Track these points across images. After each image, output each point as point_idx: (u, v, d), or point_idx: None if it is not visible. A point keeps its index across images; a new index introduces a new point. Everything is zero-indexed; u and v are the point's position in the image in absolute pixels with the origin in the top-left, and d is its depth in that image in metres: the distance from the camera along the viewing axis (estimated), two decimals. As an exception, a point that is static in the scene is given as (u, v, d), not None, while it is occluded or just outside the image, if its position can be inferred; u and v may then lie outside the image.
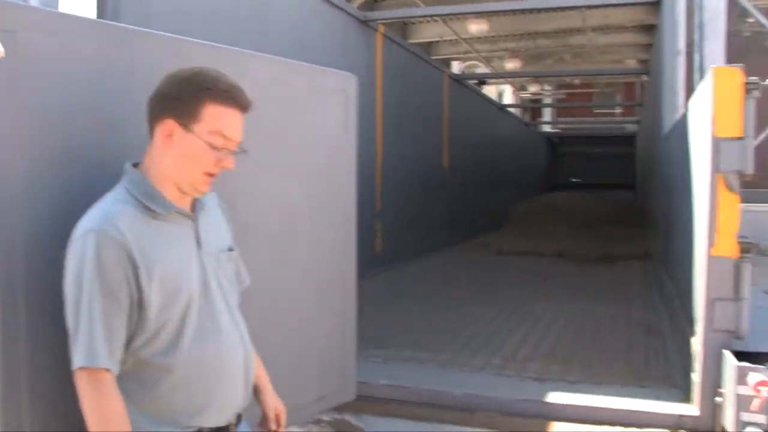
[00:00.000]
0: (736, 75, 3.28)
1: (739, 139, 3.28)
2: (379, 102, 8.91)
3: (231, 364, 1.94)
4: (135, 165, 1.90)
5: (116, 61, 2.26)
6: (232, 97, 1.86)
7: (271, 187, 2.99)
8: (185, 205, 1.92)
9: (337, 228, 3.41)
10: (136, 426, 1.76)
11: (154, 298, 1.77)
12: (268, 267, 2.86)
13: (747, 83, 3.26)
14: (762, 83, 3.26)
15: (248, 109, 1.92)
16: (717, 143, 3.31)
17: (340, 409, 3.68)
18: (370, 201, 8.57)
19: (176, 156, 1.84)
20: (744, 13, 22.25)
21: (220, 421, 1.92)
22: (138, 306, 1.76)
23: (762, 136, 19.39)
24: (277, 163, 3.02)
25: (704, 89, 3.62)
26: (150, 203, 1.83)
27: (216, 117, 1.84)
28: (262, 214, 2.92)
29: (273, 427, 2.22)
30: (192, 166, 1.84)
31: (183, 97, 1.83)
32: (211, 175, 1.88)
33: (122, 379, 1.77)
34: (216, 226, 2.04)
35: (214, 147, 1.84)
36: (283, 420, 2.25)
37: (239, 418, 2.03)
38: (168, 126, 1.83)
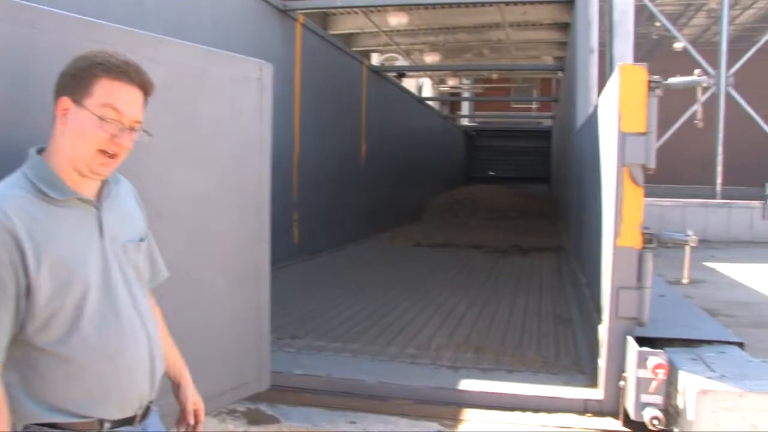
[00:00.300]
0: (641, 73, 3.41)
1: (643, 134, 3.41)
2: (297, 92, 8.87)
3: (133, 355, 1.89)
4: (42, 150, 1.85)
5: (17, 42, 2.18)
6: (126, 72, 1.81)
7: (184, 174, 2.95)
8: (90, 192, 1.86)
9: (251, 217, 3.39)
10: (30, 415, 1.73)
11: (42, 285, 1.72)
12: (180, 256, 2.83)
13: (650, 81, 3.39)
14: (664, 82, 3.40)
15: (147, 89, 1.87)
16: (623, 138, 3.44)
17: (254, 398, 3.66)
18: (287, 192, 8.53)
19: (70, 134, 1.79)
20: (652, 17, 23.10)
21: (122, 413, 1.88)
22: (26, 292, 1.71)
23: (667, 135, 20.18)
24: (190, 150, 2.98)
25: (612, 86, 3.74)
26: (46, 188, 1.77)
27: (107, 90, 1.78)
28: (175, 202, 2.88)
29: (191, 421, 2.19)
30: (85, 143, 1.78)
31: (77, 73, 1.79)
32: (106, 153, 1.80)
33: (15, 367, 1.73)
34: (125, 215, 1.99)
35: (104, 119, 1.77)
36: (202, 415, 2.23)
37: (147, 410, 2.00)
38: (63, 104, 1.79)
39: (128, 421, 1.90)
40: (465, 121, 30.05)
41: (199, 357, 3.10)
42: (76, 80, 1.79)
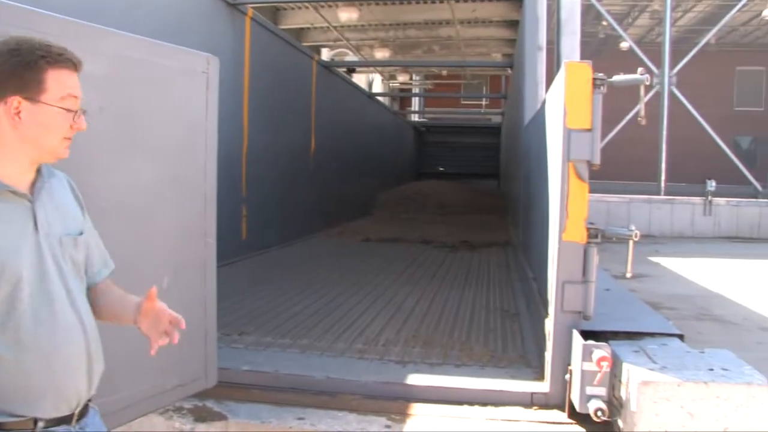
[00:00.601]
0: (586, 70, 3.46)
1: (588, 130, 3.46)
2: (246, 87, 8.78)
3: (69, 352, 1.85)
4: None
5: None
6: (68, 58, 1.85)
7: (128, 168, 2.90)
8: (23, 185, 1.83)
9: (197, 212, 3.35)
10: None
11: None
12: (124, 250, 2.77)
13: (595, 79, 3.44)
14: (608, 80, 3.45)
15: (81, 69, 1.91)
16: (568, 134, 3.48)
17: (201, 395, 3.62)
18: (235, 187, 8.45)
19: (30, 130, 1.79)
20: (600, 17, 23.50)
21: (58, 412, 1.84)
22: None
23: (613, 132, 20.55)
24: (134, 143, 2.94)
25: (558, 83, 3.79)
26: None
27: (61, 81, 1.82)
28: (119, 196, 2.84)
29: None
30: (51, 136, 1.82)
31: (18, 71, 1.78)
32: (68, 138, 1.88)
33: None
34: (61, 209, 1.95)
35: (69, 110, 1.84)
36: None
37: (86, 408, 1.96)
38: (12, 104, 1.77)
39: (65, 420, 1.86)
40: (415, 117, 30.17)
41: (143, 354, 3.05)
42: (23, 78, 1.78)
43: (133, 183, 2.95)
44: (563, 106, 3.49)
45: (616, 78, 3.51)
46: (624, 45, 24.58)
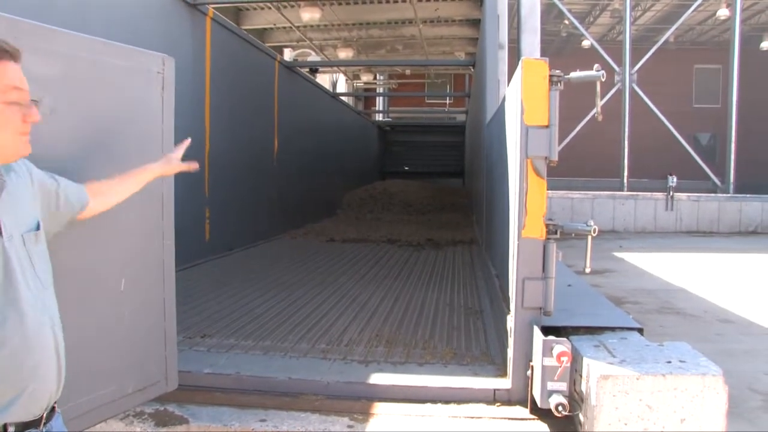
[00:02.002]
0: (543, 67, 3.48)
1: (546, 127, 3.48)
2: (207, 88, 8.71)
3: (39, 354, 1.83)
4: None
5: None
6: (7, 50, 1.81)
7: (82, 169, 2.84)
8: None
9: (155, 213, 3.30)
10: None
11: None
12: (81, 252, 2.73)
13: (552, 75, 3.47)
14: (565, 76, 3.48)
15: (20, 57, 1.86)
16: (526, 130, 3.50)
17: (162, 399, 3.57)
18: (198, 188, 8.38)
19: None
20: (562, 15, 23.73)
21: (29, 415, 1.81)
22: None
23: (576, 130, 20.76)
24: (87, 144, 2.88)
25: (515, 80, 3.81)
26: None
27: (3, 74, 1.78)
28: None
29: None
30: (5, 135, 1.79)
31: None
32: (25, 133, 1.84)
33: None
34: (20, 206, 1.92)
35: (14, 103, 1.79)
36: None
37: (53, 410, 1.92)
38: None
39: (34, 424, 1.83)
40: (380, 117, 30.18)
41: (102, 357, 3.02)
42: None
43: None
44: (520, 103, 3.51)
45: (573, 74, 3.54)
46: (586, 43, 24.89)
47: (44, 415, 1.86)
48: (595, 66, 3.52)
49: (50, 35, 2.71)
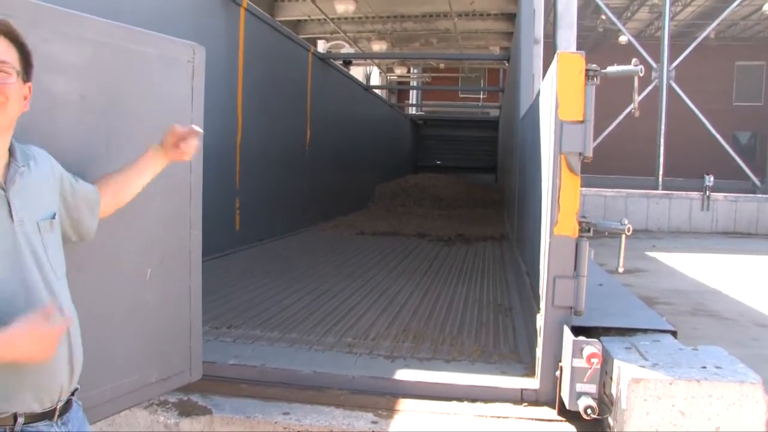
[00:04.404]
0: (579, 61, 3.39)
1: (581, 122, 3.40)
2: (240, 78, 8.71)
3: None
4: None
5: None
6: None
7: (111, 156, 2.83)
8: None
9: (183, 202, 3.28)
10: None
11: None
12: (107, 241, 2.71)
13: (588, 70, 3.38)
14: (601, 71, 3.39)
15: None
16: (560, 126, 3.42)
17: (186, 389, 3.57)
18: (229, 179, 8.39)
19: None
20: (598, 11, 23.44)
21: (40, 406, 1.79)
22: None
23: (611, 127, 20.50)
24: (116, 133, 2.87)
25: (550, 74, 3.72)
26: None
27: None
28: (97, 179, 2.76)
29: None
30: None
31: None
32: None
33: None
34: (36, 194, 1.90)
35: None
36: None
37: (68, 404, 1.90)
38: None
39: (47, 416, 1.81)
40: (413, 111, 30.12)
41: (126, 346, 3.01)
42: None
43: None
44: (555, 98, 3.43)
45: (610, 69, 3.45)
46: (623, 39, 24.55)
47: (58, 407, 1.84)
48: (633, 61, 3.43)
49: (79, 21, 2.69)
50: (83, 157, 2.58)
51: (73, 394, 1.94)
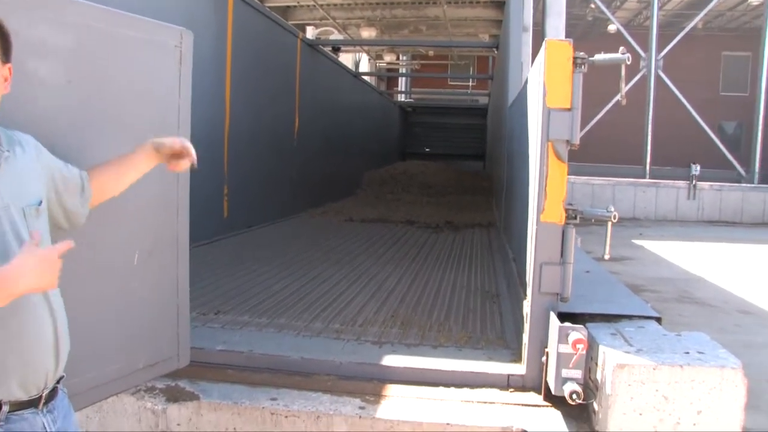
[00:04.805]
0: (566, 49, 3.40)
1: (568, 110, 3.41)
2: (228, 64, 8.67)
3: (34, 331, 1.80)
4: None
5: None
6: None
7: (96, 142, 2.81)
8: None
9: (170, 188, 3.26)
10: None
11: None
12: (93, 227, 2.71)
13: (576, 57, 3.39)
14: (589, 58, 3.40)
15: None
16: (547, 113, 3.43)
17: (174, 375, 3.58)
18: (217, 165, 8.37)
19: None
20: (588, -1, 23.44)
21: (26, 393, 1.79)
22: None
23: (599, 115, 20.55)
24: (101, 117, 2.85)
25: (538, 62, 3.73)
26: None
27: None
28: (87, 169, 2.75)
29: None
30: None
31: None
32: None
33: None
34: (21, 179, 1.89)
35: None
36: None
37: (54, 391, 1.90)
38: None
39: (32, 404, 1.80)
40: (402, 98, 30.06)
41: (113, 333, 3.01)
42: None
43: (102, 159, 2.87)
44: (543, 85, 3.44)
45: (597, 57, 3.46)
46: (611, 28, 24.58)
47: (44, 394, 1.84)
48: (621, 49, 3.44)
49: (63, 5, 2.67)
50: (69, 141, 2.57)
51: (58, 381, 1.93)
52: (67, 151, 2.43)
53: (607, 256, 3.71)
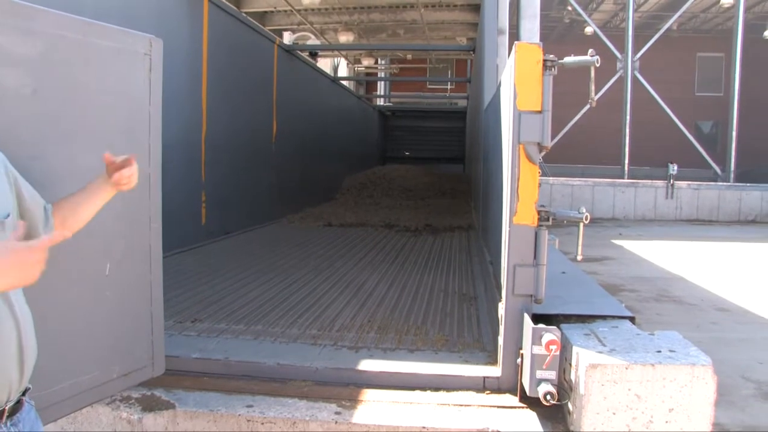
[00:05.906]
0: (536, 52, 3.42)
1: (539, 112, 3.43)
2: (204, 70, 8.63)
3: None
4: None
5: None
6: None
7: (65, 150, 2.80)
8: None
9: (142, 197, 3.25)
10: None
11: None
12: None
13: (545, 60, 3.41)
14: (558, 61, 3.42)
15: None
16: (518, 116, 3.45)
17: (150, 384, 3.56)
18: (194, 172, 8.33)
19: None
20: (564, 1, 23.58)
21: None
22: None
23: (577, 117, 20.67)
24: (71, 125, 2.84)
25: (509, 65, 3.75)
26: None
27: None
28: (56, 178, 2.73)
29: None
30: None
31: None
32: None
33: None
34: None
35: None
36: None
37: (19, 404, 1.87)
38: None
39: None
40: (381, 102, 30.07)
41: (86, 343, 2.99)
42: None
43: (72, 167, 2.85)
44: (513, 88, 3.46)
45: (567, 59, 3.48)
46: (588, 30, 24.75)
47: (7, 408, 1.81)
48: (590, 51, 3.47)
49: (31, 14, 2.65)
50: (36, 151, 2.56)
51: (24, 393, 1.90)
52: (34, 160, 2.42)
53: (579, 257, 3.73)
